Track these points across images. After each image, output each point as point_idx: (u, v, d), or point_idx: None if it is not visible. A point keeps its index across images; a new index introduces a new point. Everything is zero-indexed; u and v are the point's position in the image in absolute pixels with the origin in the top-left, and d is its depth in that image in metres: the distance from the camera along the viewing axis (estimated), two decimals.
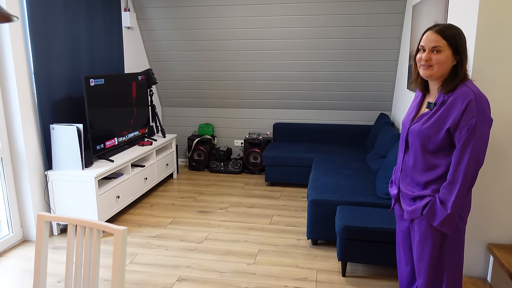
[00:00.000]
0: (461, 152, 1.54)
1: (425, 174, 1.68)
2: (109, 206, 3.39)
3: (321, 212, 3.00)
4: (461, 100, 1.55)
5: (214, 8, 4.43)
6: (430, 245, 1.68)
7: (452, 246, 1.66)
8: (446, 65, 1.61)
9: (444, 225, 1.59)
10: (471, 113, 1.52)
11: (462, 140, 1.54)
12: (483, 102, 1.53)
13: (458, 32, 1.59)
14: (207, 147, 5.14)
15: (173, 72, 5.04)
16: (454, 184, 1.56)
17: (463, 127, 1.53)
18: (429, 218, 1.64)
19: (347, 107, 4.98)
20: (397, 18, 4.17)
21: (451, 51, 1.59)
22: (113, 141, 3.75)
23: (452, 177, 1.56)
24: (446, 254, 1.67)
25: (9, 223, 3.14)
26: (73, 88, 3.52)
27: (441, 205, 1.60)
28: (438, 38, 1.59)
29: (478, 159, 1.53)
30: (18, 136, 3.04)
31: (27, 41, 3.03)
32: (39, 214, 1.49)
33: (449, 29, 1.60)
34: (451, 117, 1.57)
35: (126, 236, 1.35)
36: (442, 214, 1.59)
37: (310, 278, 2.67)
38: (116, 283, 1.33)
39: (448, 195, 1.57)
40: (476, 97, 1.53)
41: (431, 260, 1.69)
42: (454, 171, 1.56)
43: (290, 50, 4.57)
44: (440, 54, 1.59)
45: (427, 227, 1.68)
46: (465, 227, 1.68)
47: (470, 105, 1.52)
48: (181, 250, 3.06)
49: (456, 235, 1.65)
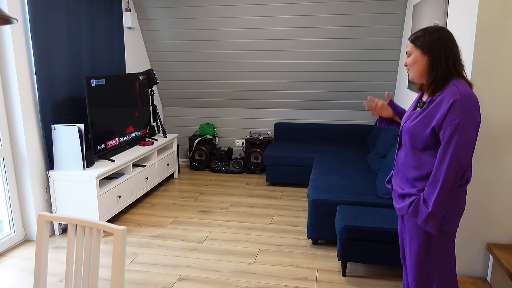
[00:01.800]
0: (443, 152, 1.56)
1: (414, 171, 1.70)
2: (110, 206, 3.41)
3: (322, 212, 3.01)
4: (447, 99, 1.56)
5: (215, 8, 4.44)
6: (417, 242, 1.71)
7: (438, 247, 1.68)
8: (418, 66, 1.67)
9: (427, 224, 1.61)
10: (455, 113, 1.52)
11: (445, 140, 1.55)
12: (470, 102, 1.53)
13: (429, 33, 1.62)
14: (208, 147, 5.15)
15: (174, 72, 5.06)
16: (436, 183, 1.57)
17: (447, 127, 1.54)
18: (413, 216, 1.67)
19: (348, 106, 4.99)
20: (398, 18, 4.17)
21: (419, 51, 1.65)
22: (114, 141, 3.77)
23: (434, 176, 1.58)
24: (433, 253, 1.69)
25: (11, 222, 3.15)
26: (74, 88, 3.53)
27: (424, 203, 1.62)
28: (408, 43, 1.71)
29: (459, 159, 1.53)
30: (20, 136, 3.06)
31: (29, 41, 3.04)
32: (39, 214, 1.50)
33: (420, 31, 1.66)
34: (436, 116, 1.58)
35: (126, 235, 1.36)
36: (424, 212, 1.61)
37: (310, 277, 2.68)
38: (116, 282, 1.34)
39: (430, 194, 1.60)
40: (462, 97, 1.53)
41: (418, 258, 1.72)
42: (436, 170, 1.58)
43: (291, 50, 4.58)
44: (410, 57, 1.69)
45: (413, 224, 1.71)
46: (454, 230, 1.69)
47: (454, 105, 1.53)
48: (181, 250, 3.07)
49: (443, 236, 1.66)
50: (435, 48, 1.61)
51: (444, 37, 1.61)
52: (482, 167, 2.24)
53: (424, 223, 1.62)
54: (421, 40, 1.63)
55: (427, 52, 1.62)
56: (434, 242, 1.68)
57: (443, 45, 1.60)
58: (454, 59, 1.61)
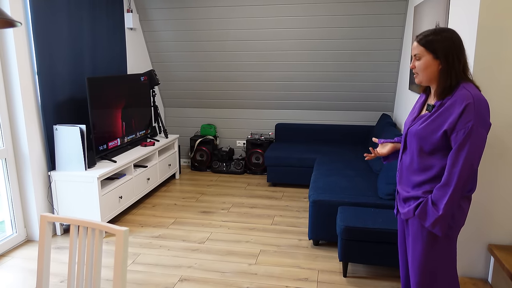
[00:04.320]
0: (456, 155, 1.55)
1: (419, 175, 1.69)
2: (112, 207, 3.41)
3: (323, 213, 3.01)
4: (459, 103, 1.55)
5: (217, 9, 4.45)
6: (421, 245, 1.70)
7: (441, 249, 1.68)
8: (429, 71, 1.63)
9: (436, 226, 1.60)
10: (469, 117, 1.52)
11: (457, 143, 1.54)
12: (482, 106, 1.53)
13: (442, 37, 1.58)
14: (210, 147, 5.16)
15: (175, 73, 5.07)
16: (448, 186, 1.56)
17: (460, 130, 1.53)
18: (421, 219, 1.66)
19: (349, 107, 4.99)
20: (399, 19, 4.17)
21: (431, 56, 1.60)
22: (115, 142, 3.78)
23: (446, 179, 1.57)
24: (437, 256, 1.69)
25: (13, 223, 3.16)
26: (76, 89, 3.55)
27: (433, 206, 1.61)
28: (416, 45, 1.64)
29: (472, 162, 1.53)
30: (22, 137, 3.07)
31: (31, 42, 3.05)
32: (42, 214, 1.51)
33: (432, 34, 1.60)
34: (448, 120, 1.57)
35: (128, 236, 1.37)
36: (433, 215, 1.60)
37: (311, 278, 2.68)
38: (118, 283, 1.35)
39: (440, 197, 1.58)
40: (475, 100, 1.52)
41: (422, 261, 1.71)
42: (449, 173, 1.56)
43: (292, 51, 4.58)
44: (420, 61, 1.64)
45: (418, 227, 1.70)
46: (456, 236, 1.69)
47: (468, 108, 1.52)
48: (183, 250, 3.08)
49: (446, 239, 1.67)
50: (449, 53, 1.57)
51: (455, 41, 1.58)
52: (484, 168, 2.24)
53: (432, 225, 1.61)
54: (433, 44, 1.58)
55: (441, 57, 1.58)
56: (438, 244, 1.67)
57: (456, 50, 1.58)
58: (464, 63, 1.60)
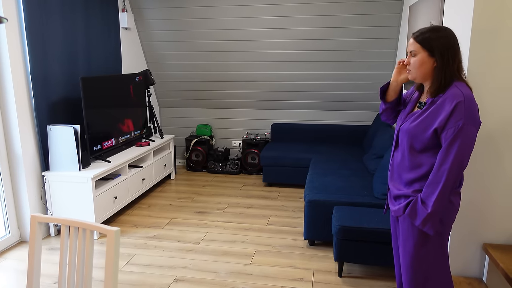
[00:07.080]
0: (445, 153, 1.54)
1: (410, 172, 1.70)
2: (106, 207, 3.39)
3: (318, 213, 3.00)
4: (450, 101, 1.55)
5: (212, 9, 4.43)
6: (412, 243, 1.70)
7: (432, 248, 1.68)
8: (423, 68, 1.63)
9: (426, 225, 1.60)
10: (459, 115, 1.52)
11: (447, 141, 1.54)
12: (472, 104, 1.53)
13: (438, 35, 1.58)
14: (205, 147, 5.14)
15: (170, 72, 5.05)
16: (437, 184, 1.56)
17: (450, 128, 1.53)
18: (411, 217, 1.66)
19: (345, 107, 4.99)
20: (394, 19, 4.18)
21: (427, 53, 1.60)
22: (110, 142, 3.75)
23: (435, 177, 1.57)
24: (429, 254, 1.69)
25: (6, 224, 3.14)
26: (70, 88, 3.52)
27: (422, 204, 1.61)
28: (413, 41, 1.64)
29: (462, 161, 1.53)
30: (15, 137, 3.04)
31: (24, 42, 3.03)
32: (32, 215, 1.49)
33: (429, 32, 1.60)
34: (439, 118, 1.57)
35: (119, 236, 1.35)
36: (423, 213, 1.60)
37: (307, 278, 2.67)
38: (109, 283, 1.33)
39: (429, 195, 1.58)
40: (466, 99, 1.52)
41: (413, 258, 1.71)
42: (437, 171, 1.56)
43: (287, 50, 4.58)
44: (416, 57, 1.64)
45: (408, 225, 1.70)
46: (448, 233, 1.69)
47: (458, 106, 1.52)
48: (178, 251, 3.06)
49: (437, 237, 1.66)
50: (445, 52, 1.58)
51: (452, 40, 1.58)
52: (478, 167, 2.24)
53: (422, 224, 1.61)
54: (430, 42, 1.58)
55: (436, 55, 1.58)
56: (429, 243, 1.67)
57: (452, 49, 1.58)
58: (458, 62, 1.60)
